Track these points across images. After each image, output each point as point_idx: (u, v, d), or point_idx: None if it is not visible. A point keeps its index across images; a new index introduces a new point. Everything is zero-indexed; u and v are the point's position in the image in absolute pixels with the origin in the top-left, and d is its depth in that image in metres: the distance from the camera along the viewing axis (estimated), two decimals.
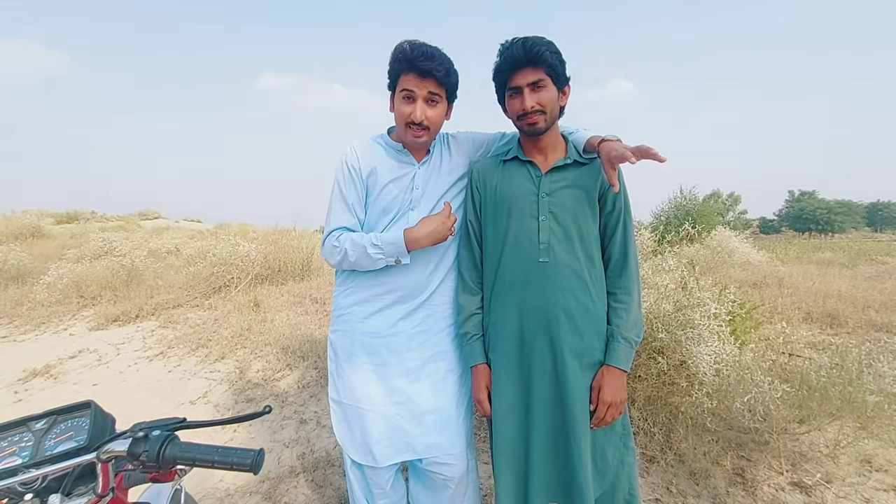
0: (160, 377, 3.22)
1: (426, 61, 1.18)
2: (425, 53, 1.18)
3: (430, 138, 1.29)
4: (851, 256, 9.44)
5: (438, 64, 1.19)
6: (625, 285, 1.21)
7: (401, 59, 1.21)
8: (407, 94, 1.23)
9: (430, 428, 1.31)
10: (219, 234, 8.41)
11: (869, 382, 1.81)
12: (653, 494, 1.89)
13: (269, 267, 5.70)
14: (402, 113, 1.25)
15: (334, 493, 1.96)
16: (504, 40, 1.17)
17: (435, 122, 1.26)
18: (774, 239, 27.90)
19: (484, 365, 1.29)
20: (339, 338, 1.39)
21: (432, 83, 1.21)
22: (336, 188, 1.34)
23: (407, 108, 1.23)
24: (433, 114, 1.24)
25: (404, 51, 1.20)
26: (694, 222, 7.73)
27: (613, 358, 1.18)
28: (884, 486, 1.91)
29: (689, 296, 2.25)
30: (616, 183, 1.12)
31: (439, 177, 1.34)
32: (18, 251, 6.23)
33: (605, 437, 1.22)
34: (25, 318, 4.51)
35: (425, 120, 1.23)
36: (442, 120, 1.30)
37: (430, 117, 1.24)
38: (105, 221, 14.31)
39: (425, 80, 1.21)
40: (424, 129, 1.25)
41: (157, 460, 0.64)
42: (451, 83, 1.25)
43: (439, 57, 1.20)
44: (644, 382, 2.22)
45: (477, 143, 1.41)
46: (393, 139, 1.35)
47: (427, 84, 1.21)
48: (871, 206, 69.09)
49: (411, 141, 1.28)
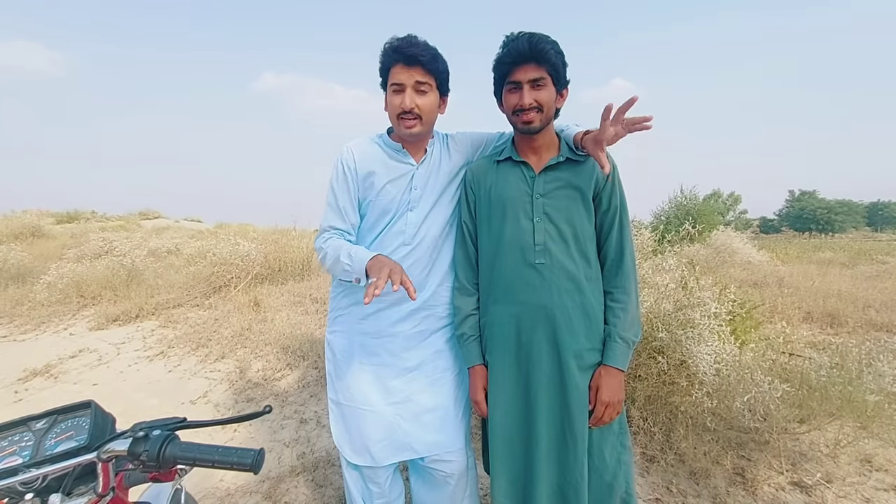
0: (160, 377, 3.22)
1: (410, 48, 1.20)
2: (409, 41, 1.21)
3: (424, 129, 1.28)
4: (851, 256, 9.45)
5: (423, 49, 1.21)
6: (621, 284, 1.21)
7: (387, 50, 1.23)
8: (396, 87, 1.23)
9: (429, 427, 1.31)
10: (219, 233, 8.41)
11: (869, 382, 1.81)
12: (653, 494, 1.89)
13: (269, 266, 5.70)
14: (392, 105, 1.25)
15: (334, 493, 1.96)
16: (509, 32, 1.16)
17: (426, 111, 1.25)
18: (774, 239, 27.92)
19: (481, 366, 1.29)
20: (337, 338, 1.39)
21: (419, 71, 1.22)
22: (330, 188, 1.33)
23: (397, 99, 1.23)
24: (423, 102, 1.24)
25: (390, 42, 1.23)
26: (694, 222, 7.72)
27: (611, 358, 1.17)
28: (884, 486, 1.91)
29: (690, 295, 2.25)
30: (606, 164, 1.09)
31: (438, 177, 1.34)
32: (19, 251, 6.23)
33: (603, 437, 1.22)
34: (25, 317, 4.51)
35: (415, 108, 1.22)
36: (434, 111, 1.29)
37: (421, 105, 1.23)
38: (105, 221, 14.30)
39: (412, 68, 1.22)
40: (416, 119, 1.24)
41: (157, 460, 0.64)
42: (438, 70, 1.25)
43: (424, 44, 1.22)
44: (644, 382, 2.22)
45: (476, 144, 1.41)
46: (392, 139, 1.35)
47: (414, 73, 1.22)
48: (871, 206, 69.06)
49: (405, 133, 1.27)
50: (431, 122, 1.30)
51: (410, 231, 1.30)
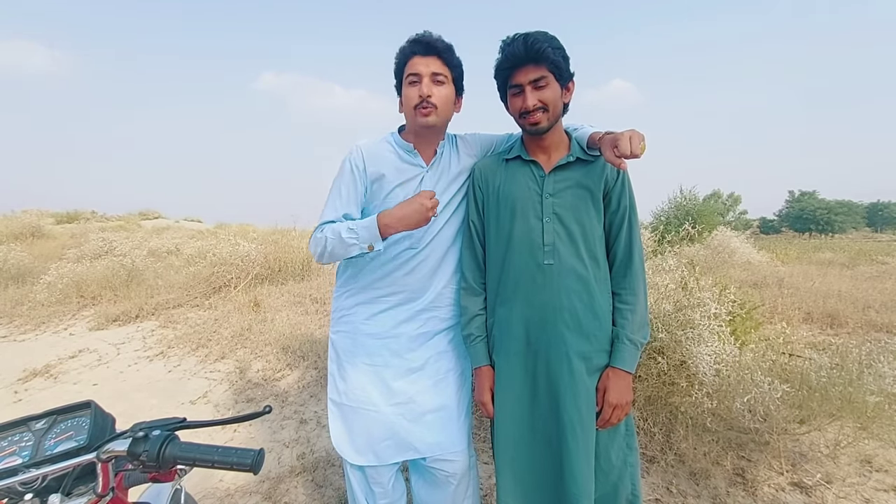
0: (160, 377, 3.22)
1: (428, 39, 1.23)
2: (426, 35, 1.24)
3: (440, 121, 1.26)
4: (851, 256, 9.44)
5: (440, 41, 1.23)
6: (630, 285, 1.20)
7: (404, 46, 1.25)
8: (413, 78, 1.24)
9: (431, 427, 1.31)
10: (219, 233, 8.41)
11: (869, 383, 1.81)
12: (653, 494, 1.89)
13: (269, 267, 5.70)
14: (409, 96, 1.24)
15: (334, 493, 1.96)
16: (505, 36, 1.15)
17: (443, 102, 1.24)
18: (774, 239, 27.89)
19: (488, 367, 1.28)
20: (340, 339, 1.38)
21: (436, 62, 1.23)
22: (334, 185, 1.32)
23: (413, 90, 1.23)
24: (440, 92, 1.23)
25: (407, 39, 1.25)
26: (694, 222, 7.72)
27: (619, 360, 1.17)
28: (884, 487, 1.91)
29: (690, 296, 2.24)
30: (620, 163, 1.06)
31: (447, 180, 1.33)
32: (18, 251, 6.23)
33: (610, 438, 1.21)
34: (25, 317, 4.51)
35: (432, 96, 1.22)
36: (450, 105, 1.28)
37: (437, 95, 1.23)
38: (105, 221, 14.30)
39: (429, 57, 1.23)
40: (432, 107, 1.23)
41: (157, 460, 0.64)
42: (454, 63, 1.26)
43: (440, 37, 1.24)
44: (644, 382, 2.21)
45: (485, 145, 1.40)
46: (403, 138, 1.33)
47: (431, 63, 1.23)
48: (871, 206, 69.01)
49: (421, 122, 1.24)
50: (447, 117, 1.29)
51: (418, 234, 1.29)
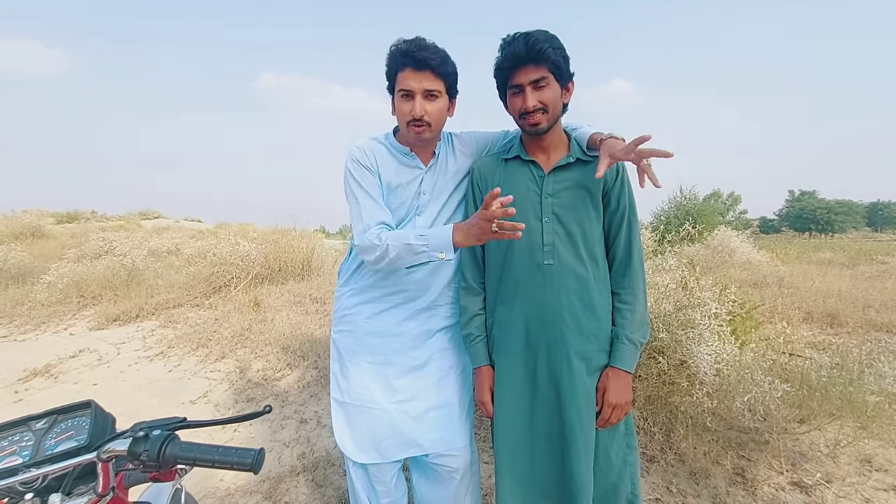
0: (160, 377, 3.22)
1: (421, 51, 1.18)
2: (419, 45, 1.18)
3: (434, 134, 1.27)
4: (851, 256, 9.44)
5: (433, 53, 1.18)
6: (629, 285, 1.20)
7: (396, 53, 1.21)
8: (405, 92, 1.21)
9: (435, 424, 1.32)
10: (219, 233, 8.41)
11: (869, 382, 1.81)
12: (653, 494, 1.89)
13: (269, 266, 5.70)
14: (402, 112, 1.23)
15: (334, 493, 1.96)
16: (505, 35, 1.14)
17: (436, 118, 1.24)
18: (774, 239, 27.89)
19: (488, 367, 1.28)
20: (343, 337, 1.39)
21: (429, 76, 1.20)
22: (356, 185, 1.27)
23: (406, 105, 1.22)
24: (433, 108, 1.22)
25: (398, 46, 1.20)
26: (694, 222, 7.73)
27: (618, 360, 1.17)
28: (884, 486, 1.91)
29: (690, 295, 2.24)
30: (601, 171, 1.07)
31: (445, 179, 1.33)
32: (19, 251, 6.23)
33: (609, 438, 1.21)
34: (26, 317, 4.51)
35: (425, 115, 1.21)
36: (444, 115, 1.28)
37: (430, 112, 1.22)
38: (105, 221, 14.30)
39: (421, 72, 1.19)
40: (426, 125, 1.23)
41: (157, 460, 0.64)
42: (448, 74, 1.23)
43: (434, 47, 1.19)
44: (644, 382, 2.21)
45: (481, 143, 1.40)
46: (399, 141, 1.33)
47: (424, 78, 1.19)
48: (871, 206, 69.04)
49: (415, 139, 1.26)
50: (441, 127, 1.29)
51: None
